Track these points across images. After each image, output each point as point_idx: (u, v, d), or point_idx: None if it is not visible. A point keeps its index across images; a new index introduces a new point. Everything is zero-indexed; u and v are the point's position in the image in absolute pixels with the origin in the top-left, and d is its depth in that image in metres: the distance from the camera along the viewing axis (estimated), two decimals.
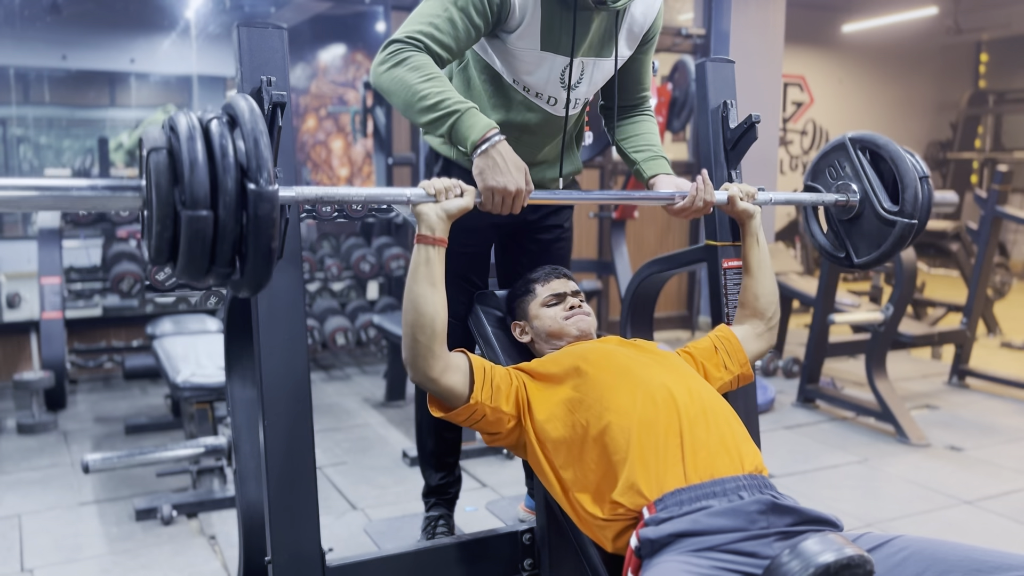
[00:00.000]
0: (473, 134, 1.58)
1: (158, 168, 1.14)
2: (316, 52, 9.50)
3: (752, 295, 1.85)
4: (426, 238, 1.53)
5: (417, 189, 1.53)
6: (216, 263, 1.19)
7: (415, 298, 1.53)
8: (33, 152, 9.49)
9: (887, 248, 1.89)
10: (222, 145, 1.16)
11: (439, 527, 2.21)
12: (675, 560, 1.31)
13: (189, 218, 1.13)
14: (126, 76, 9.58)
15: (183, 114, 1.20)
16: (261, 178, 1.17)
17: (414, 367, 1.55)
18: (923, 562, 1.28)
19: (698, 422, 1.49)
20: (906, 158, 1.88)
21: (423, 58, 1.63)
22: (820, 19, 9.15)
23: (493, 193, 1.58)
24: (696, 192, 1.77)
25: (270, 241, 1.19)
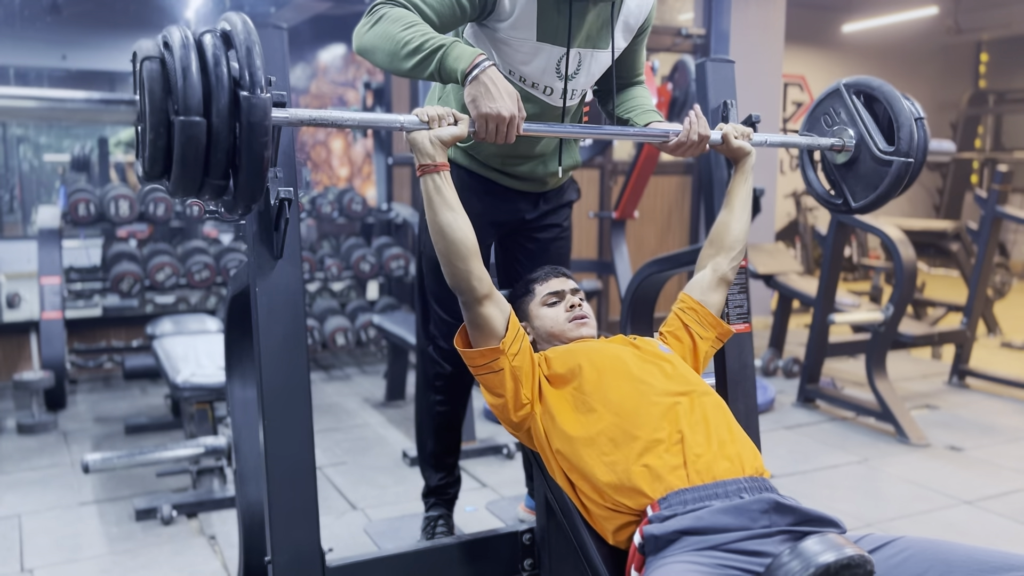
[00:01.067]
0: (461, 64, 1.56)
1: (151, 76, 1.15)
2: (316, 52, 9.50)
3: (725, 227, 1.85)
4: (428, 166, 1.53)
5: (410, 116, 1.52)
6: (210, 174, 1.19)
7: (441, 227, 1.54)
8: (33, 152, 9.49)
9: (884, 189, 1.88)
10: (215, 55, 1.17)
11: (439, 527, 2.21)
12: (680, 561, 1.31)
13: (183, 124, 1.14)
14: (126, 76, 9.57)
15: (177, 27, 1.20)
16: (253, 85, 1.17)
17: (460, 289, 1.57)
18: (925, 563, 1.28)
19: (698, 428, 1.50)
20: (901, 99, 1.88)
21: (402, 11, 1.63)
22: (820, 19, 9.14)
23: (487, 120, 1.56)
24: (690, 127, 1.77)
25: (263, 149, 1.19)
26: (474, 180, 2.02)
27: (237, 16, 1.24)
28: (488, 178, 2.03)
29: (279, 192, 1.50)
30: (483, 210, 2.02)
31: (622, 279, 4.80)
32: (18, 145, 9.37)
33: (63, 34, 8.77)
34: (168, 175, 1.20)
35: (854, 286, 7.77)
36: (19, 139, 9.38)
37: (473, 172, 2.02)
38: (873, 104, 1.91)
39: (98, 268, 4.85)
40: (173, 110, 1.15)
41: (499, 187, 2.04)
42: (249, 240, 1.59)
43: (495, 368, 1.57)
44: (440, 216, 1.54)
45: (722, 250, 1.85)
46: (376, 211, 5.19)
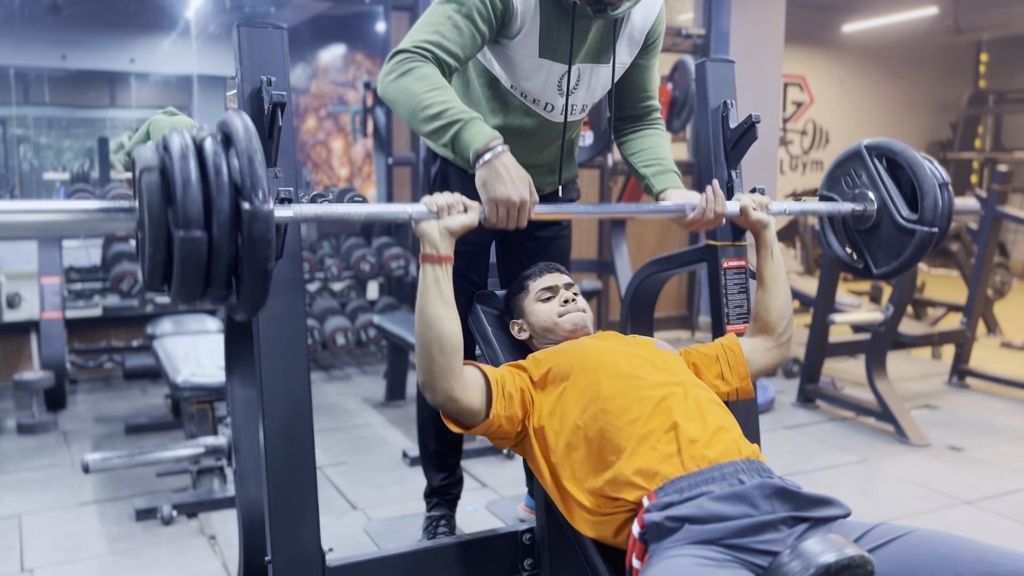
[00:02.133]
0: (476, 143, 1.56)
1: (150, 188, 1.12)
2: (316, 52, 9.50)
3: (764, 308, 1.80)
4: (431, 256, 1.51)
5: (419, 206, 1.50)
6: (211, 284, 1.17)
7: (430, 319, 1.50)
8: (33, 152, 9.49)
9: (907, 258, 1.84)
10: (216, 164, 1.14)
11: (440, 527, 2.21)
12: (686, 554, 1.30)
13: (183, 239, 1.11)
14: (126, 76, 9.58)
15: (176, 133, 1.17)
16: (256, 197, 1.14)
17: (434, 389, 1.52)
18: (935, 560, 1.26)
19: (693, 417, 1.49)
20: (924, 164, 1.83)
21: (429, 68, 1.61)
22: (820, 19, 9.14)
23: (497, 205, 1.55)
24: (706, 204, 1.74)
25: (266, 262, 1.16)
26: (472, 181, 2.02)
27: (239, 119, 1.20)
28: None
29: (279, 192, 1.50)
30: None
31: (622, 279, 4.80)
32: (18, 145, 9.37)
33: (63, 34, 8.76)
34: (168, 285, 1.17)
35: (854, 286, 7.76)
36: (19, 139, 9.38)
37: (472, 174, 2.02)
38: (895, 168, 1.87)
39: (98, 268, 4.85)
40: (173, 222, 1.12)
41: None
42: None
43: (494, 429, 1.58)
44: (431, 307, 1.50)
45: (765, 330, 1.81)
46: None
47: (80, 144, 9.72)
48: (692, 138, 6.34)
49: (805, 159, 9.48)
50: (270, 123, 1.53)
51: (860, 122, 9.77)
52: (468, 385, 1.54)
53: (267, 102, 1.51)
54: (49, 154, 9.64)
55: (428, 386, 1.53)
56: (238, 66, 1.57)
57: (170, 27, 9.04)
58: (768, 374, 1.83)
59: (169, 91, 10.03)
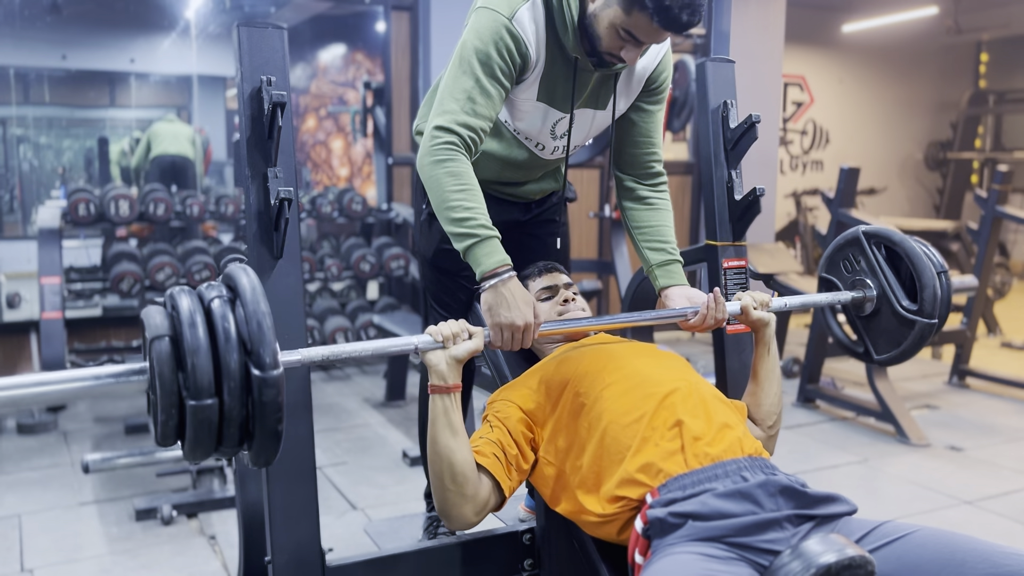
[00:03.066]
0: (485, 264, 1.58)
1: (160, 357, 1.14)
2: (316, 52, 9.50)
3: (755, 403, 1.80)
4: (439, 388, 1.52)
5: (424, 337, 1.51)
6: (223, 444, 1.19)
7: (440, 451, 1.51)
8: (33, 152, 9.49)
9: (907, 347, 1.85)
10: (224, 328, 1.16)
11: (440, 527, 2.20)
12: (688, 551, 1.30)
13: (194, 408, 1.14)
14: (126, 76, 9.58)
15: (184, 295, 1.18)
16: (265, 363, 1.16)
17: (449, 517, 1.54)
18: (939, 560, 1.25)
19: (697, 413, 1.49)
20: (922, 255, 1.84)
21: (461, 164, 1.62)
22: (820, 19, 9.14)
23: (502, 330, 1.57)
24: (707, 311, 1.73)
25: (277, 424, 1.19)
26: None
27: (245, 277, 1.21)
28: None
29: (279, 192, 1.50)
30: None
31: (622, 279, 4.80)
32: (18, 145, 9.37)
33: (63, 34, 8.76)
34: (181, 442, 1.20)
35: None
36: (19, 139, 9.38)
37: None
38: (894, 256, 1.87)
39: (98, 268, 4.86)
40: (184, 387, 1.15)
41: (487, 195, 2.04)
42: (249, 240, 1.59)
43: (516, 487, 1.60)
44: (441, 439, 1.51)
45: (756, 422, 1.80)
46: (376, 211, 5.19)
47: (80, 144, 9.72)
48: (692, 138, 6.34)
49: (805, 159, 9.47)
50: (270, 123, 1.53)
51: (860, 122, 9.76)
52: (480, 496, 1.54)
53: (267, 102, 1.51)
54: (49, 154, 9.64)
55: (444, 514, 1.55)
56: (238, 66, 1.57)
57: (170, 27, 9.04)
58: None
59: (169, 91, 10.03)
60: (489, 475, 1.55)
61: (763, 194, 1.98)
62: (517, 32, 1.63)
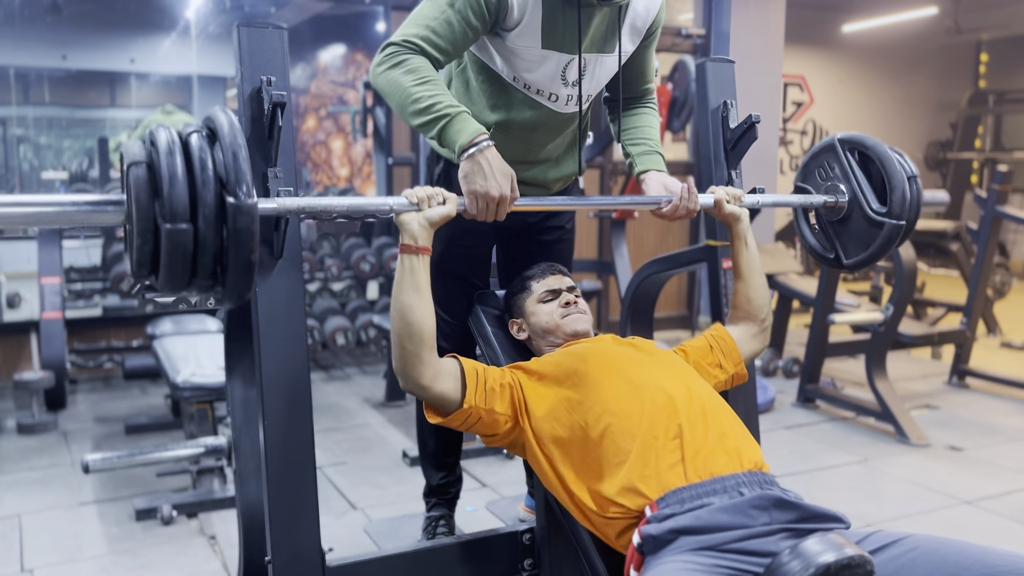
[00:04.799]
0: (461, 138, 1.58)
1: (138, 182, 1.16)
2: (316, 52, 9.50)
3: (744, 299, 1.85)
4: (409, 247, 1.53)
5: (399, 198, 1.52)
6: (197, 275, 1.20)
7: (401, 307, 1.52)
8: (33, 152, 9.49)
9: (875, 249, 1.89)
10: (201, 159, 1.18)
11: (440, 527, 2.21)
12: (678, 560, 1.31)
13: (169, 231, 1.15)
14: (126, 76, 9.58)
15: (163, 129, 1.20)
16: (240, 191, 1.18)
17: (404, 376, 1.55)
18: (932, 564, 1.26)
19: (697, 422, 1.49)
20: (893, 159, 1.87)
21: (419, 60, 1.63)
22: (820, 19, 9.14)
23: (476, 198, 1.58)
24: (680, 201, 1.77)
25: (250, 254, 1.20)
26: None
27: (223, 115, 1.24)
28: None
29: (279, 192, 1.50)
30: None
31: (622, 279, 4.80)
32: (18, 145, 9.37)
33: (63, 34, 8.76)
34: (156, 275, 1.21)
35: (854, 286, 7.76)
36: (19, 139, 9.38)
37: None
38: (867, 162, 1.91)
39: (98, 268, 4.85)
40: (160, 215, 1.16)
41: None
42: None
43: (473, 421, 1.58)
44: (404, 296, 1.52)
45: (748, 318, 1.85)
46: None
47: (80, 144, 9.72)
48: (692, 138, 6.34)
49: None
50: (270, 123, 1.53)
51: (860, 122, 9.76)
52: (440, 373, 1.55)
53: (267, 102, 1.51)
54: (49, 154, 9.64)
55: (399, 373, 1.56)
56: (238, 66, 1.57)
57: (170, 27, 9.04)
58: (756, 357, 1.88)
59: (169, 91, 10.03)
60: (460, 370, 1.57)
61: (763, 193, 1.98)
62: None
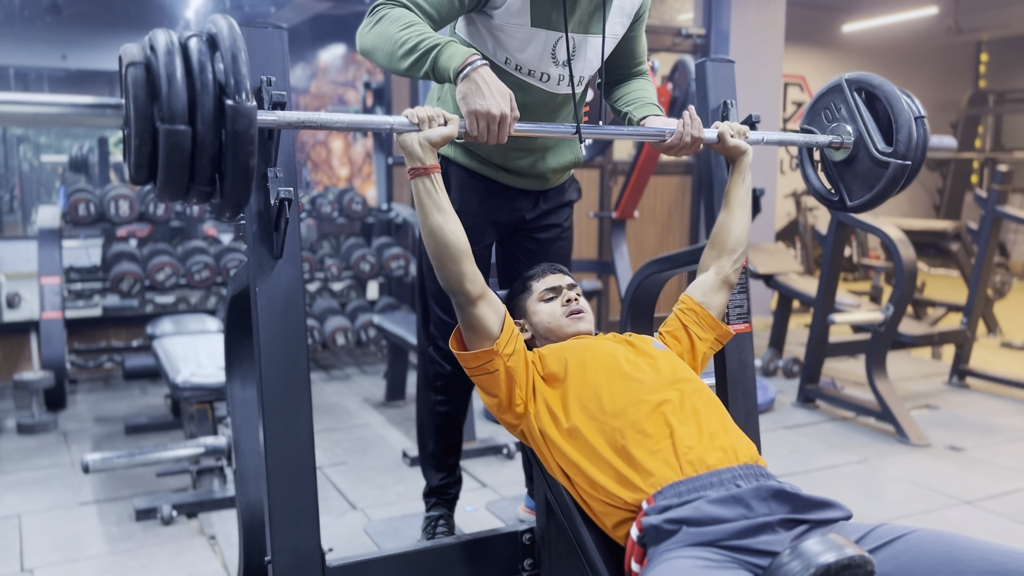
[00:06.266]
0: (454, 62, 1.56)
1: (136, 82, 1.15)
2: (316, 52, 9.50)
3: (726, 230, 1.84)
4: (417, 169, 1.52)
5: (400, 117, 1.51)
6: (195, 180, 1.19)
7: (431, 230, 1.53)
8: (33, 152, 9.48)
9: (880, 189, 1.86)
10: (200, 62, 1.17)
11: (439, 527, 2.21)
12: (684, 555, 1.30)
13: (167, 132, 1.14)
14: None
15: (162, 31, 1.19)
16: (239, 95, 1.17)
17: (453, 291, 1.56)
18: (935, 561, 1.26)
19: (689, 421, 1.50)
20: (901, 98, 1.85)
21: (402, 11, 1.64)
22: (820, 19, 9.14)
23: (477, 117, 1.55)
24: (683, 128, 1.76)
25: (248, 157, 1.19)
26: (474, 179, 2.02)
27: (223, 19, 1.23)
28: (488, 176, 2.02)
29: (279, 192, 1.50)
30: (483, 209, 2.02)
31: (622, 279, 4.80)
32: (18, 145, 9.37)
33: (63, 34, 8.77)
34: (154, 180, 1.20)
35: (854, 286, 7.77)
36: (19, 139, 9.38)
37: (473, 171, 2.02)
38: (874, 102, 1.89)
39: (98, 268, 4.85)
40: (158, 117, 1.15)
41: (499, 186, 2.04)
42: (249, 240, 1.59)
43: (490, 369, 1.58)
44: (431, 219, 1.53)
45: (723, 253, 1.84)
46: (376, 211, 5.19)
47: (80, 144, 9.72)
48: None
49: None
50: None
51: None
52: (488, 299, 1.58)
53: (267, 102, 1.51)
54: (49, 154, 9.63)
55: (450, 290, 1.58)
56: None
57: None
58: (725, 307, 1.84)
59: None
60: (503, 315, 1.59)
61: (763, 194, 1.99)
62: None
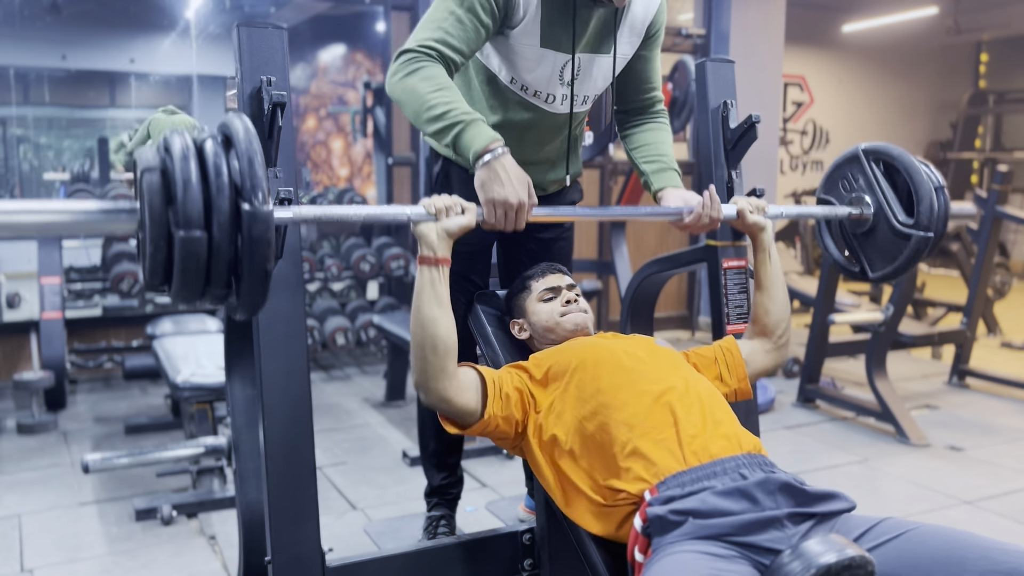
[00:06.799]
0: (476, 145, 1.56)
1: (151, 189, 1.13)
2: (316, 52, 9.50)
3: (763, 310, 1.80)
4: (428, 259, 1.52)
5: (417, 208, 1.51)
6: (211, 284, 1.17)
7: (424, 320, 1.51)
8: (33, 152, 9.49)
9: (902, 262, 1.85)
10: (216, 164, 1.15)
11: (441, 527, 2.21)
12: (691, 549, 1.30)
13: (183, 239, 1.12)
14: (126, 76, 9.58)
15: (177, 134, 1.18)
16: (255, 198, 1.15)
17: (427, 389, 1.53)
18: (937, 559, 1.25)
19: (693, 411, 1.50)
20: (920, 169, 1.83)
21: (435, 68, 1.62)
22: (820, 19, 9.14)
23: (495, 206, 1.56)
24: (703, 209, 1.74)
25: (265, 262, 1.17)
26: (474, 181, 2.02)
27: (239, 120, 1.21)
28: None
29: (279, 192, 1.50)
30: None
31: (622, 279, 4.80)
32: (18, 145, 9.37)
33: (63, 34, 8.76)
34: (169, 284, 1.18)
35: (854, 286, 7.76)
36: (19, 139, 9.38)
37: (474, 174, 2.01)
38: (892, 172, 1.87)
39: (98, 268, 4.85)
40: (174, 222, 1.13)
41: None
42: None
43: (491, 429, 1.58)
44: (428, 309, 1.51)
45: (764, 332, 1.80)
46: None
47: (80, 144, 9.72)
48: (692, 138, 6.34)
49: (805, 159, 9.47)
50: (270, 123, 1.53)
51: (860, 122, 9.76)
52: (462, 386, 1.54)
53: (267, 102, 1.51)
54: (49, 154, 9.64)
55: (422, 386, 1.54)
56: (238, 66, 1.57)
57: (170, 27, 9.04)
58: (767, 375, 1.83)
59: (169, 91, 10.02)
60: (481, 381, 1.56)
61: (763, 194, 1.98)
62: None
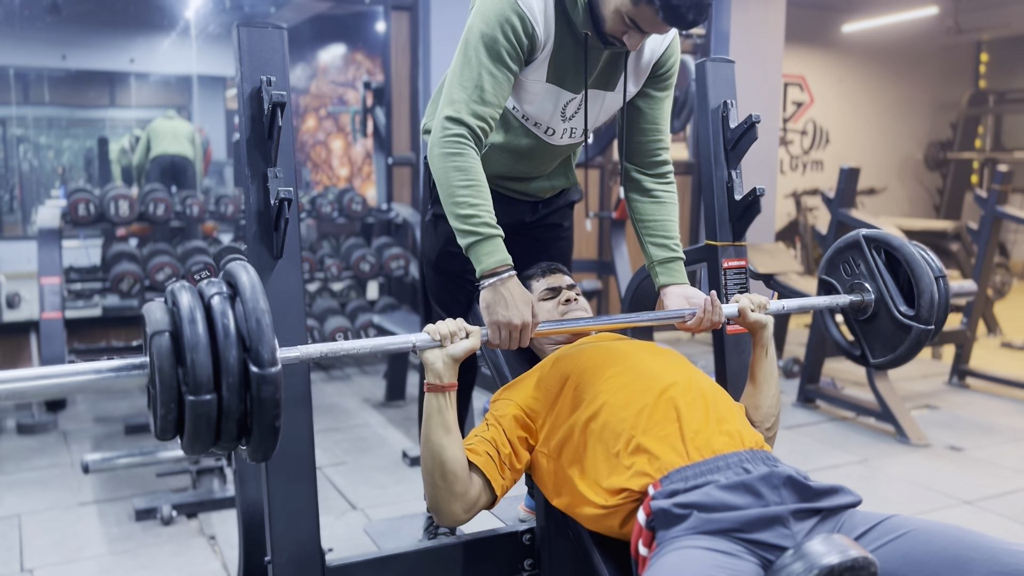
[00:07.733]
0: (486, 263, 1.58)
1: (161, 352, 1.15)
2: (316, 52, 9.50)
3: (752, 405, 1.79)
4: (435, 386, 1.52)
5: (422, 335, 1.52)
6: (221, 439, 1.20)
7: (432, 447, 1.52)
8: (33, 152, 9.49)
9: (903, 352, 1.86)
10: (224, 325, 1.17)
11: (440, 527, 2.20)
12: (696, 545, 1.29)
13: (193, 403, 1.15)
14: (126, 76, 9.58)
15: (184, 291, 1.19)
16: (264, 360, 1.17)
17: (439, 512, 1.55)
18: (944, 558, 1.25)
19: (696, 406, 1.50)
20: (920, 261, 1.84)
21: (470, 159, 1.61)
22: (820, 19, 9.14)
23: (500, 327, 1.57)
24: (704, 314, 1.73)
25: (275, 420, 1.19)
26: None
27: (245, 274, 1.22)
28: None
29: (279, 192, 1.50)
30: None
31: (622, 279, 4.80)
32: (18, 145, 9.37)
33: (63, 34, 8.77)
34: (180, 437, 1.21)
35: None
36: (19, 139, 9.38)
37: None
38: (893, 261, 1.88)
39: (98, 268, 4.85)
40: (184, 382, 1.16)
41: (497, 193, 2.03)
42: (249, 240, 1.59)
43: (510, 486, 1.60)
44: (436, 436, 1.52)
45: (753, 424, 1.78)
46: (376, 211, 5.19)
47: (80, 144, 9.72)
48: (692, 138, 6.34)
49: (805, 159, 9.47)
50: (270, 123, 1.53)
51: (860, 122, 9.76)
52: (470, 495, 1.55)
53: (267, 102, 1.51)
54: (49, 154, 9.64)
55: (434, 509, 1.56)
56: (238, 66, 1.57)
57: (170, 27, 9.04)
58: None
59: (169, 91, 10.03)
60: (481, 474, 1.56)
61: (763, 194, 1.98)
62: (524, 12, 1.62)
